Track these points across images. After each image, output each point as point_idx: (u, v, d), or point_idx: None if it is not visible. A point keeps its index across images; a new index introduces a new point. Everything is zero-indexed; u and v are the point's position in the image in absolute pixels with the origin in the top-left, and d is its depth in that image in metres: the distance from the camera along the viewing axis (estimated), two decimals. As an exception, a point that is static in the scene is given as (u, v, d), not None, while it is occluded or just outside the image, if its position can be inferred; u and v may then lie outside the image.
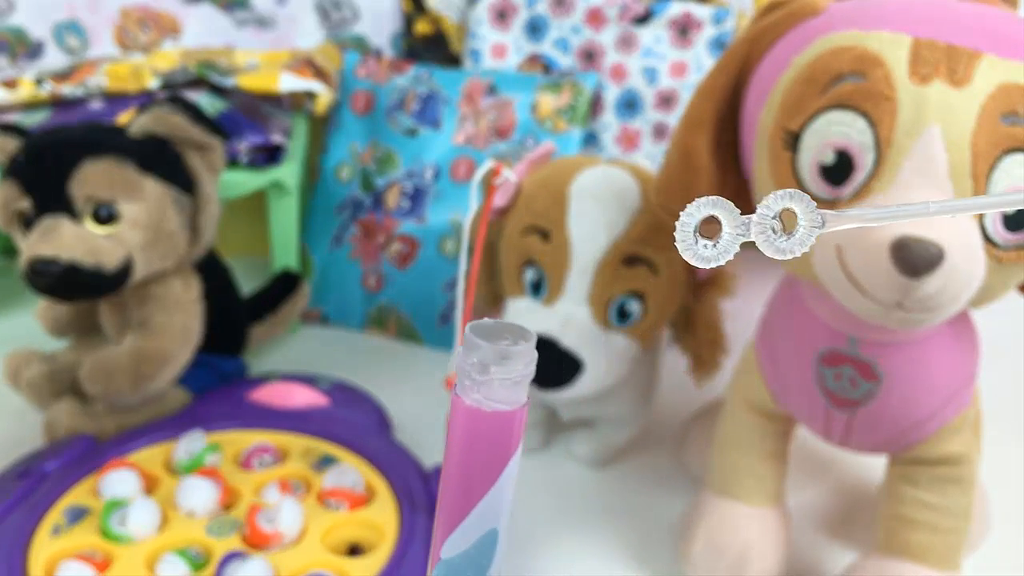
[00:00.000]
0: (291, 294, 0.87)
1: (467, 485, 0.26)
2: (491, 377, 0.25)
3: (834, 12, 0.49)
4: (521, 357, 0.26)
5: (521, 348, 0.26)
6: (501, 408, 0.26)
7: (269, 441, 0.65)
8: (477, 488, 0.26)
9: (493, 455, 0.26)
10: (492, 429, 0.26)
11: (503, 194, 0.65)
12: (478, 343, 0.25)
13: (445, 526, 0.27)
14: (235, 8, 0.98)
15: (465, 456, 0.26)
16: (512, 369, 0.25)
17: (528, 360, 0.26)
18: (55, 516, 0.57)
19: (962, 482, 0.56)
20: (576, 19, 0.94)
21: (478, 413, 0.26)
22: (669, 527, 0.66)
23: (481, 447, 0.26)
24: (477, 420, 0.26)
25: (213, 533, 0.57)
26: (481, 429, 0.26)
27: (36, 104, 0.86)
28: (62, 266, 0.61)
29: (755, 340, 0.61)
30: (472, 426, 0.26)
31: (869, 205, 0.45)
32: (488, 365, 0.25)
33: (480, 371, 0.25)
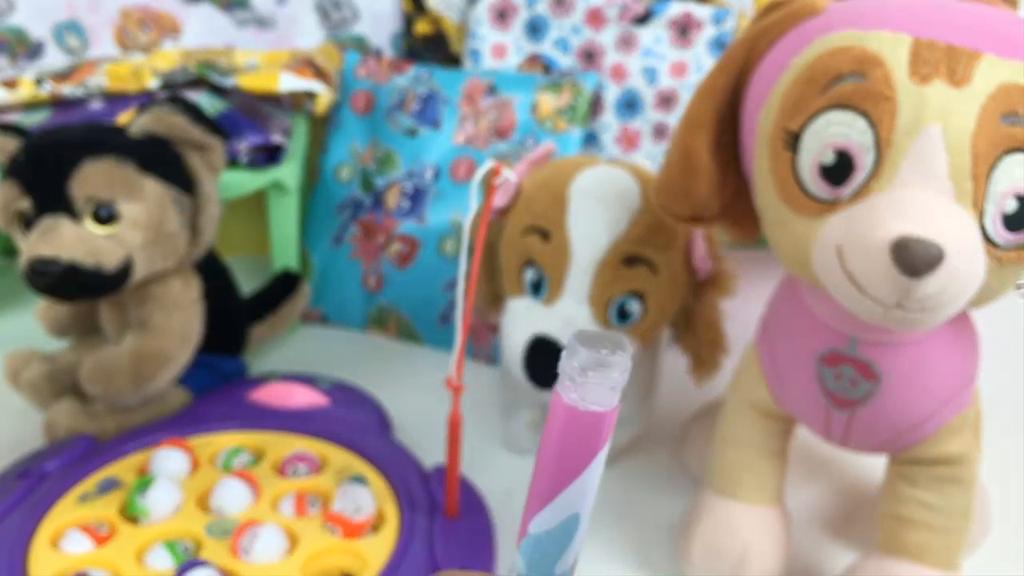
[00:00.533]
0: (291, 294, 0.88)
1: (558, 472, 0.30)
2: (588, 380, 0.29)
3: (834, 12, 0.49)
4: (617, 366, 0.29)
5: (618, 358, 0.29)
6: (595, 409, 0.29)
7: (309, 450, 0.65)
8: (566, 475, 0.30)
9: (583, 448, 0.29)
10: (585, 426, 0.29)
11: (503, 194, 0.65)
12: (579, 349, 0.29)
13: (535, 505, 0.30)
14: (235, 8, 0.98)
15: (559, 447, 0.29)
16: (608, 375, 0.28)
17: (624, 368, 0.29)
18: (87, 486, 0.60)
19: (962, 482, 0.56)
20: (576, 19, 0.94)
21: (574, 411, 0.29)
22: (669, 527, 0.66)
23: (574, 440, 0.29)
24: (573, 417, 0.29)
25: (213, 533, 0.57)
26: (575, 425, 0.29)
27: (36, 104, 0.86)
28: (62, 266, 0.61)
29: (755, 340, 0.61)
30: (568, 422, 0.29)
31: (869, 205, 0.45)
32: (587, 369, 0.29)
33: (580, 374, 0.29)
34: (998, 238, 0.45)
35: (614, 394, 0.29)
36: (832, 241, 0.46)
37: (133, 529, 0.57)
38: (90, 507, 0.58)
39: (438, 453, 0.67)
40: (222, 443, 0.66)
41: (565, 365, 0.29)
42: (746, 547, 0.58)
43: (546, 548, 0.31)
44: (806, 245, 0.48)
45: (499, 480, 0.70)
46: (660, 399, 0.75)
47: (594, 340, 0.29)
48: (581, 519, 0.31)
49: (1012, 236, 0.45)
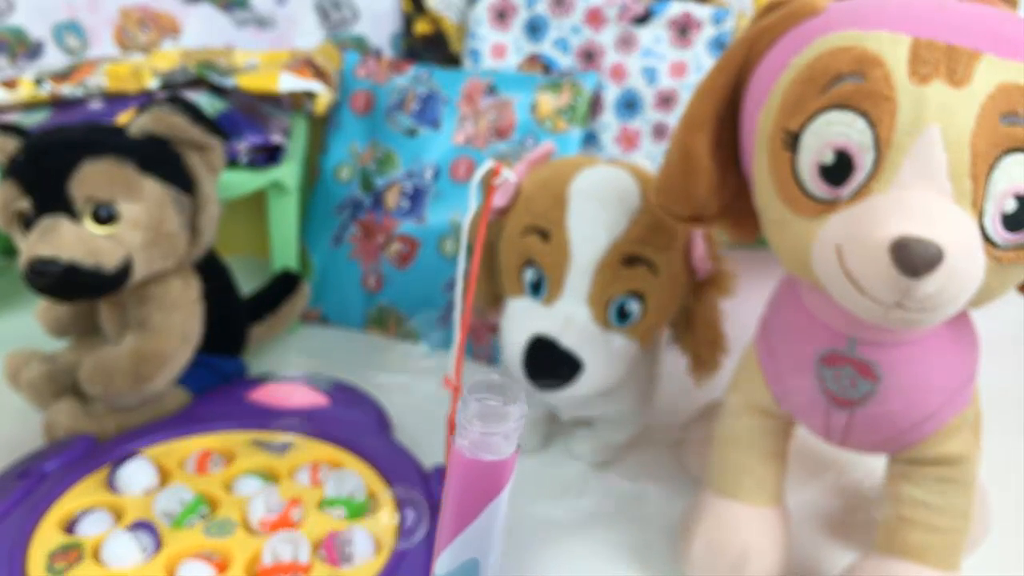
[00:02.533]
0: (291, 294, 0.88)
1: (457, 516, 0.31)
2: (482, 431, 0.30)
3: (833, 12, 0.49)
4: (510, 416, 0.29)
5: (512, 409, 0.29)
6: (488, 458, 0.30)
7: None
8: (463, 520, 0.31)
9: (480, 495, 0.30)
10: (480, 474, 0.30)
11: (503, 194, 0.65)
12: (471, 401, 0.30)
13: (439, 546, 0.31)
14: (235, 8, 0.98)
15: (457, 492, 0.31)
16: (501, 426, 0.29)
17: (518, 418, 0.30)
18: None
19: (962, 482, 0.56)
20: (576, 19, 0.94)
21: (469, 460, 0.30)
22: (669, 527, 0.66)
23: (470, 487, 0.30)
24: (468, 466, 0.30)
25: (213, 534, 0.57)
26: (471, 473, 0.30)
27: (36, 104, 0.86)
28: (62, 266, 0.61)
29: (755, 340, 0.61)
30: (463, 470, 0.30)
31: (869, 205, 0.45)
32: (481, 420, 0.29)
33: (473, 424, 0.29)
34: (997, 238, 0.45)
35: (509, 443, 0.30)
36: (832, 241, 0.46)
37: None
38: None
39: (438, 453, 0.67)
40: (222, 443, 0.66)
41: (460, 416, 0.30)
42: (746, 547, 0.58)
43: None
44: (806, 245, 0.48)
45: (499, 480, 0.70)
46: (660, 399, 0.75)
47: (488, 390, 0.30)
48: (481, 565, 0.31)
49: (1011, 236, 0.45)
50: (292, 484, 0.62)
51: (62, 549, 0.55)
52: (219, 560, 0.55)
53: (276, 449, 0.65)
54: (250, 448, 0.65)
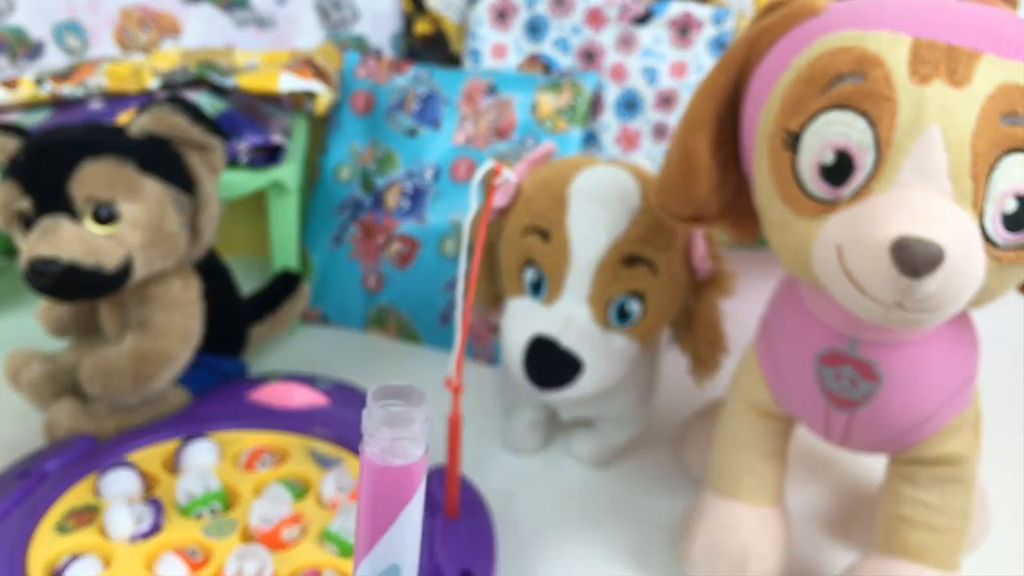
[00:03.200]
0: (291, 294, 0.88)
1: (372, 524, 0.31)
2: (389, 436, 0.30)
3: (833, 12, 0.49)
4: (416, 419, 0.30)
5: (417, 412, 0.30)
6: (398, 463, 0.30)
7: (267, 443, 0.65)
8: (379, 527, 0.30)
9: (393, 500, 0.30)
10: (391, 480, 0.30)
11: (503, 194, 0.65)
12: (374, 407, 0.30)
13: (357, 555, 0.31)
14: (235, 8, 0.98)
15: (369, 500, 0.31)
16: (407, 430, 0.29)
17: (423, 420, 0.30)
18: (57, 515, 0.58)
19: (962, 482, 0.56)
20: (576, 19, 0.94)
21: (378, 466, 0.30)
22: (669, 527, 0.66)
23: (382, 493, 0.30)
24: (378, 472, 0.30)
25: (211, 534, 0.57)
26: (382, 479, 0.30)
27: (36, 104, 0.86)
28: (62, 266, 0.61)
29: (755, 340, 0.61)
30: (374, 476, 0.30)
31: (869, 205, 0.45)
32: (386, 425, 0.30)
33: (379, 430, 0.30)
34: (998, 238, 0.45)
35: (417, 446, 0.30)
36: (832, 241, 0.46)
37: (128, 549, 0.56)
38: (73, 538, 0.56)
39: (438, 453, 0.67)
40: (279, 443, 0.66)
41: (365, 423, 0.30)
42: (746, 547, 0.58)
43: None
44: (806, 245, 0.48)
45: (499, 480, 0.70)
46: (660, 399, 0.75)
47: (392, 395, 0.30)
48: (401, 570, 0.31)
49: (1012, 236, 0.45)
50: (313, 501, 0.60)
51: (85, 508, 0.57)
52: (200, 560, 0.55)
53: (324, 463, 0.63)
54: (302, 455, 0.64)
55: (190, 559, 0.55)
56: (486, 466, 0.72)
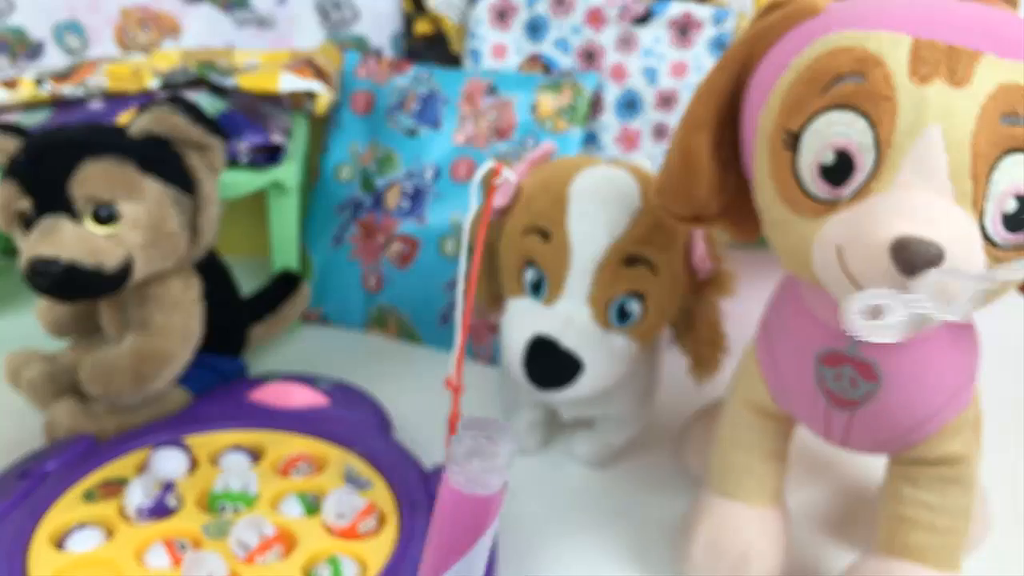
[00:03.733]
0: (291, 294, 0.88)
1: (446, 550, 0.31)
2: (474, 466, 0.31)
3: (834, 12, 0.49)
4: (501, 453, 0.31)
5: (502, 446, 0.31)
6: (480, 493, 0.31)
7: (309, 450, 0.65)
8: (454, 554, 0.31)
9: (470, 529, 0.31)
10: (471, 509, 0.31)
11: (503, 194, 0.65)
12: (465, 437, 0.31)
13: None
14: (235, 8, 0.98)
15: (447, 527, 0.31)
16: (492, 462, 0.30)
17: (507, 454, 0.31)
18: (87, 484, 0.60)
19: (962, 482, 0.56)
20: (576, 19, 0.94)
21: (461, 495, 0.31)
22: (669, 527, 0.66)
23: (461, 522, 0.31)
24: (460, 500, 0.31)
25: (210, 534, 0.57)
26: (462, 508, 0.31)
27: (36, 104, 0.86)
28: (62, 266, 0.61)
29: (755, 340, 0.61)
30: (455, 504, 0.31)
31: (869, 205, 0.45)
32: (473, 456, 0.31)
33: (466, 459, 0.31)
34: (998, 238, 0.45)
35: (498, 478, 0.31)
36: (832, 241, 0.46)
37: (132, 529, 0.57)
38: (90, 507, 0.58)
39: (438, 453, 0.67)
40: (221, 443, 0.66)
41: (453, 451, 0.31)
42: (746, 547, 0.58)
43: None
44: (806, 245, 0.48)
45: (499, 480, 0.70)
46: (660, 399, 0.75)
47: (480, 427, 0.31)
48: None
49: (1012, 236, 0.45)
50: (319, 524, 0.59)
51: (116, 481, 0.60)
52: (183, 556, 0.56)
53: (357, 482, 0.62)
54: (336, 470, 0.63)
55: (177, 552, 0.55)
56: (486, 466, 0.72)
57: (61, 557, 0.55)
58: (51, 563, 0.54)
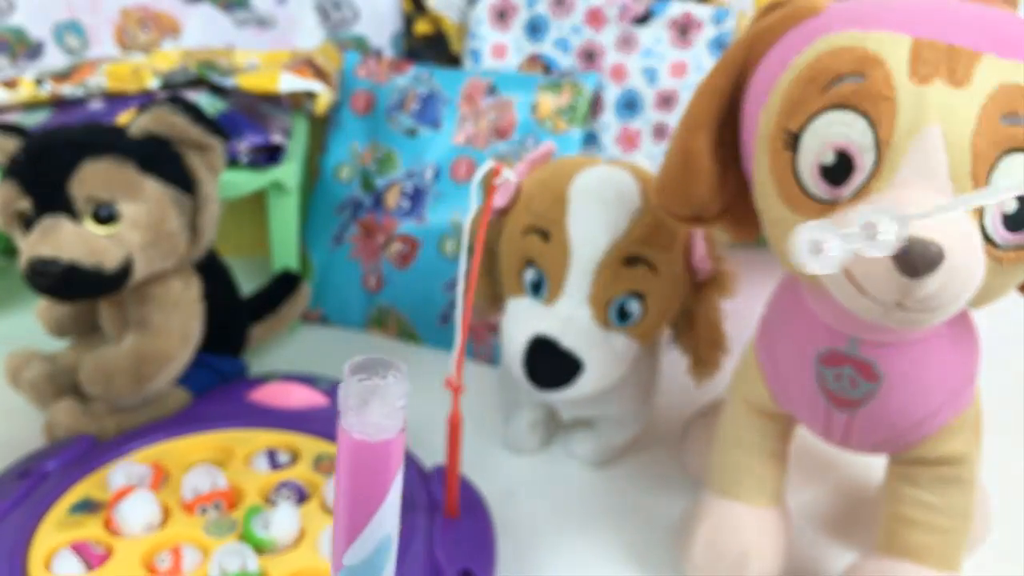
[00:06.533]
0: (291, 294, 0.87)
1: (362, 503, 0.30)
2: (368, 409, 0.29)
3: (834, 12, 0.49)
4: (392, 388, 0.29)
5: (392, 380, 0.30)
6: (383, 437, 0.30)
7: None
8: (371, 504, 0.30)
9: (381, 475, 0.30)
10: (377, 454, 0.30)
11: (503, 194, 0.65)
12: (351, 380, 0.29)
13: (344, 539, 0.31)
14: (235, 8, 0.98)
15: (356, 479, 0.30)
16: (386, 401, 0.29)
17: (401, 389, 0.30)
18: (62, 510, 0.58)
19: (962, 482, 0.56)
20: (576, 19, 0.94)
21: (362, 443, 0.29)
22: (669, 527, 0.66)
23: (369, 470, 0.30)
24: (361, 449, 0.29)
25: (211, 533, 0.57)
26: (366, 456, 0.30)
27: (36, 104, 0.86)
28: (62, 266, 0.61)
29: (755, 340, 0.61)
30: (357, 454, 0.30)
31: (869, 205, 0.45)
32: (367, 401, 0.29)
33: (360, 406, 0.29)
34: (998, 238, 0.45)
35: (398, 417, 0.30)
36: (832, 241, 0.46)
37: (130, 544, 0.56)
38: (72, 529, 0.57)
39: (438, 453, 0.67)
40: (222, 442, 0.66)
41: (344, 400, 0.29)
42: (746, 548, 0.58)
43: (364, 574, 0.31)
44: (806, 245, 0.48)
45: (499, 480, 0.70)
46: (660, 399, 0.75)
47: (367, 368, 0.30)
48: (391, 537, 0.31)
49: (1012, 236, 0.45)
50: (317, 506, 0.59)
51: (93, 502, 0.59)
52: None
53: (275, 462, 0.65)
54: (310, 458, 0.64)
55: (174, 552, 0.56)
56: (486, 466, 0.72)
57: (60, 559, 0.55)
58: (51, 563, 0.54)
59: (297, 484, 0.61)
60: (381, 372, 0.30)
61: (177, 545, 0.56)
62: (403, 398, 0.30)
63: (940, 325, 0.51)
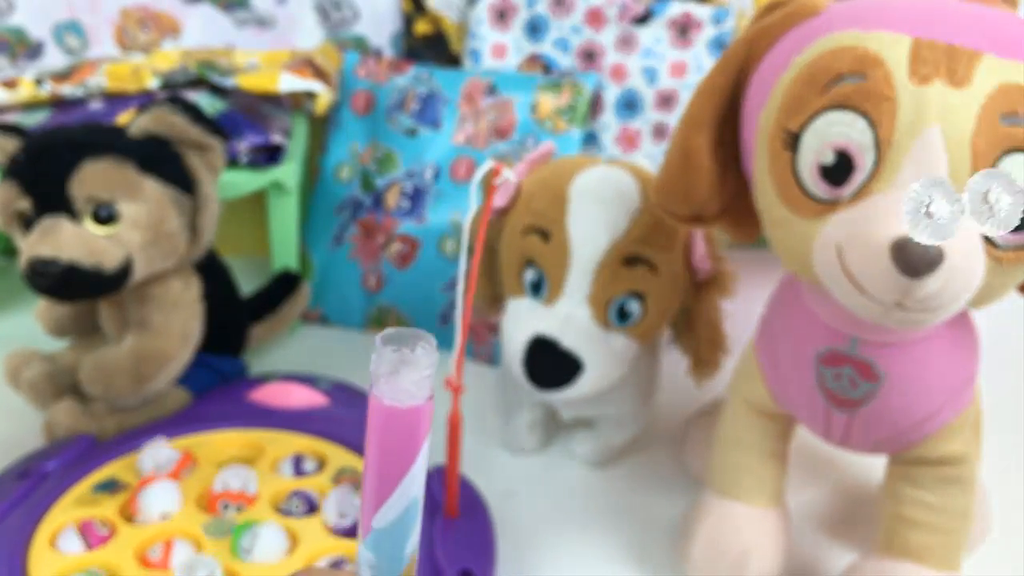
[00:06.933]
0: (291, 294, 0.87)
1: (391, 468, 0.32)
2: (400, 378, 0.31)
3: (834, 12, 0.49)
4: (423, 359, 0.30)
5: (422, 351, 0.31)
6: (412, 404, 0.31)
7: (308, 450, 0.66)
8: (399, 470, 0.32)
9: (409, 442, 0.31)
10: (406, 422, 0.31)
11: (503, 194, 0.65)
12: (384, 350, 0.31)
13: (374, 503, 0.32)
14: (235, 8, 0.98)
15: (385, 446, 0.32)
16: (416, 370, 0.30)
17: (430, 360, 0.31)
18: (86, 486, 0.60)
19: (962, 482, 0.56)
20: (576, 19, 0.94)
21: (393, 410, 0.31)
22: (669, 527, 0.66)
23: (398, 437, 0.31)
24: (392, 416, 0.31)
25: (210, 533, 0.57)
26: (396, 423, 0.31)
27: (36, 104, 0.86)
28: (62, 266, 0.61)
29: (755, 340, 0.61)
30: (387, 421, 0.31)
31: (869, 205, 0.45)
32: (397, 368, 0.31)
33: (391, 373, 0.31)
34: (998, 238, 0.45)
35: (427, 385, 0.31)
36: (832, 241, 0.46)
37: (132, 529, 0.57)
38: (90, 507, 0.58)
39: (438, 453, 0.67)
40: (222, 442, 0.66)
41: (375, 368, 0.31)
42: (746, 548, 0.58)
43: (393, 536, 0.32)
44: (806, 245, 0.48)
45: (499, 480, 0.70)
46: (660, 399, 0.75)
47: (397, 339, 0.31)
48: (418, 500, 0.33)
49: (1012, 236, 0.45)
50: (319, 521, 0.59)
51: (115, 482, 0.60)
52: None
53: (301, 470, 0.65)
54: (336, 470, 0.64)
55: None
56: (486, 466, 0.72)
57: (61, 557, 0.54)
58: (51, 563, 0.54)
59: (309, 495, 0.61)
60: (411, 344, 0.31)
61: (171, 539, 0.56)
62: (431, 368, 0.31)
63: (940, 325, 0.51)
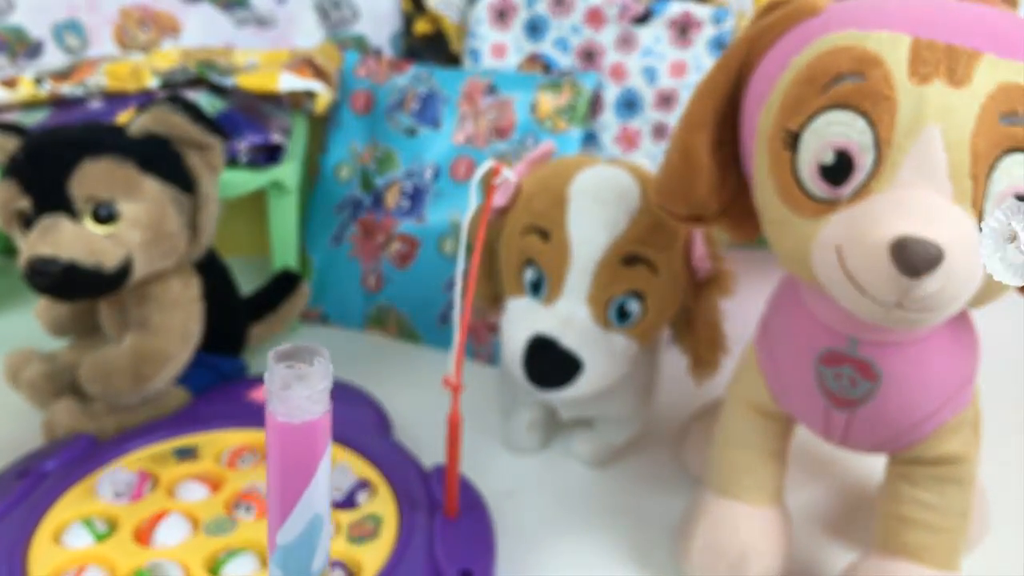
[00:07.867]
0: (291, 294, 0.87)
1: (291, 483, 0.31)
2: (292, 395, 0.30)
3: (833, 12, 0.49)
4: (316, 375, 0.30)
5: (316, 367, 0.30)
6: (307, 419, 0.31)
7: None
8: (299, 484, 0.31)
9: (308, 456, 0.31)
10: (303, 437, 0.31)
11: (503, 194, 0.65)
12: (276, 367, 0.30)
13: (276, 518, 0.32)
14: (235, 8, 0.98)
15: (284, 461, 0.31)
16: (309, 386, 0.30)
17: (324, 375, 0.30)
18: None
19: (961, 482, 0.56)
20: (576, 19, 0.94)
21: (288, 426, 0.30)
22: (669, 527, 0.66)
23: (296, 452, 0.31)
24: (289, 432, 0.31)
25: (209, 532, 0.57)
26: (294, 438, 0.31)
27: (36, 104, 0.86)
28: (62, 265, 0.61)
29: (755, 340, 0.61)
30: (284, 437, 0.31)
31: (869, 205, 0.45)
32: (289, 385, 0.30)
33: (283, 390, 0.30)
34: (998, 238, 0.45)
35: (322, 399, 0.31)
36: (832, 241, 0.46)
37: (132, 522, 0.57)
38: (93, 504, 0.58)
39: (438, 453, 0.67)
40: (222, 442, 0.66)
41: (269, 385, 0.31)
42: (746, 547, 0.58)
43: (299, 552, 0.32)
44: (806, 245, 0.48)
45: (499, 480, 0.70)
46: (660, 399, 0.75)
47: (292, 356, 0.31)
48: (323, 516, 0.32)
49: (1012, 236, 0.45)
50: None
51: None
52: None
53: None
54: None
55: None
56: (486, 466, 0.72)
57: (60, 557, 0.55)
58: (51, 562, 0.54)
59: None
60: (307, 359, 0.31)
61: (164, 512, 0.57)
62: (326, 382, 0.31)
63: (939, 325, 0.51)
